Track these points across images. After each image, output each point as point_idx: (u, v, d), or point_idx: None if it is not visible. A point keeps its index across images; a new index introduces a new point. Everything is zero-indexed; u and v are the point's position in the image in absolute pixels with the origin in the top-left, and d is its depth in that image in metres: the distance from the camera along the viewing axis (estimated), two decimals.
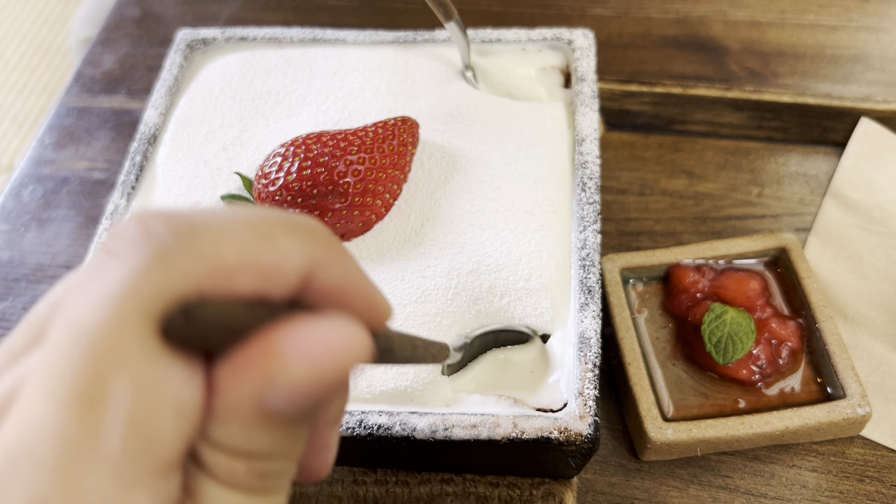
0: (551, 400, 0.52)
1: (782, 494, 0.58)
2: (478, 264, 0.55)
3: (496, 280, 0.54)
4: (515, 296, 0.54)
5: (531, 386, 0.53)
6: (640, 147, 0.79)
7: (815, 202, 0.74)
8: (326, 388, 0.21)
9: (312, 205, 0.55)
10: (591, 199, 0.58)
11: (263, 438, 0.22)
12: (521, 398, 0.52)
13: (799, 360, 0.61)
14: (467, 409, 0.51)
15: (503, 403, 0.51)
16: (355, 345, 0.22)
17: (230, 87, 0.68)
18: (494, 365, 0.55)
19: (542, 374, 0.54)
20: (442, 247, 0.56)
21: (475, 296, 0.54)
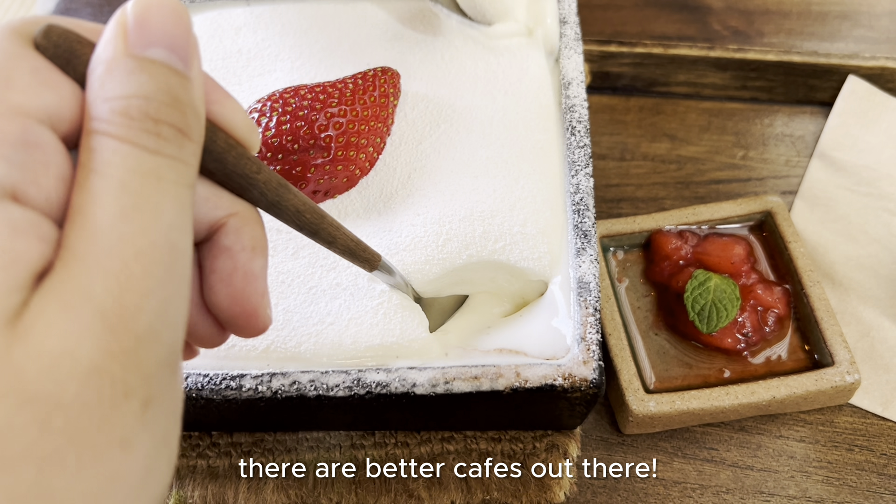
0: (553, 347, 0.50)
1: (769, 466, 0.56)
2: (470, 211, 0.53)
3: (490, 226, 0.52)
4: (511, 240, 0.52)
5: (527, 332, 0.51)
6: (621, 110, 0.76)
7: (801, 164, 0.72)
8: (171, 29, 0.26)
9: (294, 160, 0.52)
10: (581, 143, 0.56)
11: (142, 78, 0.25)
12: (520, 349, 0.50)
13: (786, 328, 0.59)
14: (468, 360, 0.49)
15: (503, 357, 0.49)
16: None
17: (206, 62, 0.65)
18: (479, 315, 0.54)
19: (535, 317, 0.52)
20: (432, 197, 0.54)
21: (467, 241, 0.52)
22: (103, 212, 0.23)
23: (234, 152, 0.30)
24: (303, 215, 0.36)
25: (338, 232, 0.40)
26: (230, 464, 0.56)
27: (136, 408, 0.23)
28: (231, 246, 0.30)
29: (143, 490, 0.24)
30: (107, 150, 0.24)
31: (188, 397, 0.48)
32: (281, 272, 0.52)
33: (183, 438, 0.56)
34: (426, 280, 0.51)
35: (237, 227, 0.31)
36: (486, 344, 0.51)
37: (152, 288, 0.23)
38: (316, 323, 0.50)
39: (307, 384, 0.47)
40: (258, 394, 0.47)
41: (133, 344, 0.23)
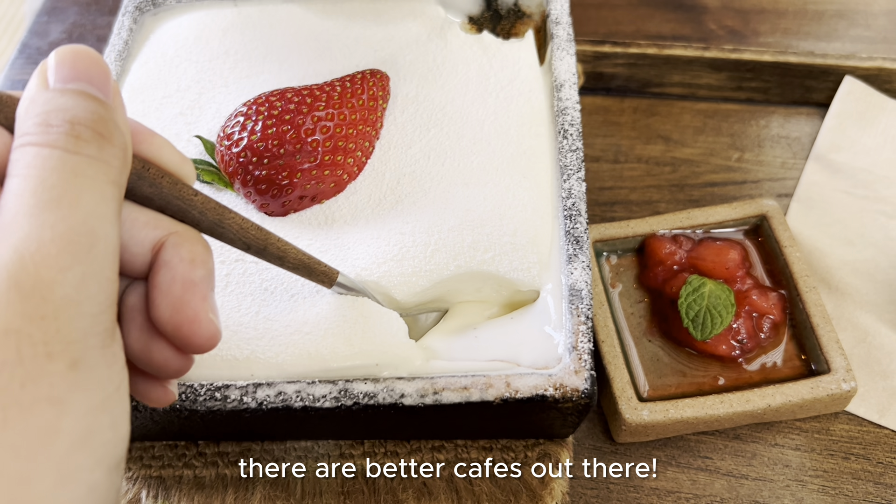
0: (544, 356, 0.49)
1: (764, 475, 0.55)
2: (460, 220, 0.52)
3: (479, 235, 0.52)
4: (500, 250, 0.51)
5: (517, 341, 0.50)
6: (615, 112, 0.75)
7: (797, 166, 0.71)
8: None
9: (280, 165, 0.52)
10: (573, 147, 0.55)
11: (63, 99, 0.28)
12: (510, 358, 0.49)
13: (781, 334, 0.58)
14: (457, 370, 0.49)
15: (492, 365, 0.48)
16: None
17: (185, 50, 0.64)
18: (465, 321, 0.53)
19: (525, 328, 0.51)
20: (422, 205, 0.54)
21: (455, 252, 0.51)
22: (21, 204, 0.26)
23: (168, 179, 0.33)
24: (247, 232, 0.37)
25: (287, 247, 0.40)
26: (217, 473, 0.55)
27: (62, 368, 0.25)
28: (169, 259, 0.32)
29: (84, 449, 0.26)
30: (28, 155, 0.27)
31: (172, 408, 0.47)
32: (265, 279, 0.51)
33: (169, 448, 0.55)
34: (413, 292, 0.50)
35: (176, 242, 0.33)
36: (474, 352, 0.50)
37: (69, 264, 0.26)
38: (293, 332, 0.49)
39: (293, 395, 0.46)
40: (243, 405, 0.46)
41: (51, 311, 0.25)
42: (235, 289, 0.51)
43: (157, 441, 0.56)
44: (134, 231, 0.32)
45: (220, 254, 0.52)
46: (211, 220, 0.35)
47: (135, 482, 0.55)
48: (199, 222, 0.35)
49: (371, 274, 0.50)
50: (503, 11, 0.67)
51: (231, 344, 0.49)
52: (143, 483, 0.55)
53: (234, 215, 0.37)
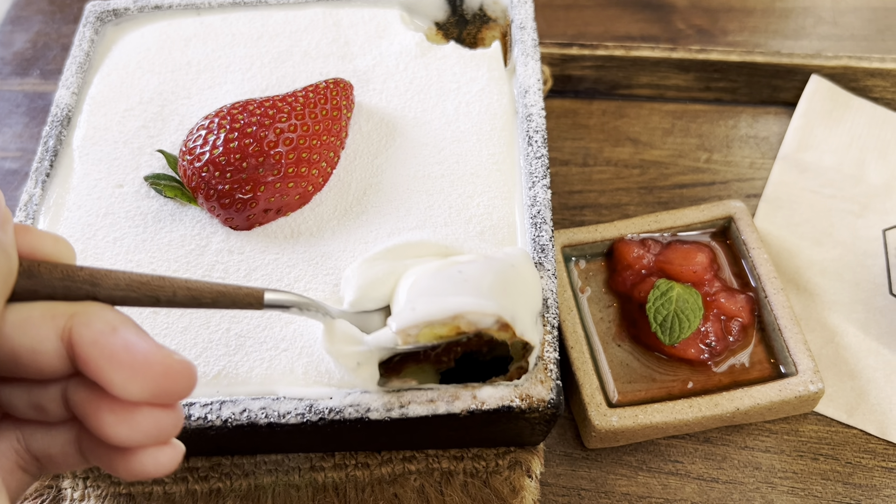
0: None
1: (735, 478, 0.55)
2: (423, 223, 0.53)
3: (443, 236, 0.52)
4: (466, 242, 0.52)
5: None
6: (584, 114, 0.75)
7: (766, 166, 0.71)
8: None
9: (243, 179, 0.51)
10: (538, 154, 0.55)
11: None
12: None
13: (750, 336, 0.59)
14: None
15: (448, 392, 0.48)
16: None
17: (147, 61, 0.64)
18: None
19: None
20: (386, 213, 0.54)
21: (419, 260, 0.50)
22: None
23: (45, 265, 0.33)
24: (147, 285, 0.35)
25: (198, 284, 0.38)
26: (187, 489, 0.55)
27: None
28: (91, 340, 0.31)
29: None
30: None
31: None
32: None
33: None
34: (376, 298, 0.50)
35: (84, 322, 0.32)
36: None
37: None
38: (270, 349, 0.49)
39: (258, 412, 0.46)
40: (207, 422, 0.46)
41: None
42: None
43: None
44: (32, 331, 0.31)
45: (186, 270, 0.52)
46: (107, 288, 0.34)
47: (104, 500, 0.54)
48: (94, 295, 0.33)
49: (339, 287, 0.50)
50: (469, 16, 0.67)
51: (200, 361, 0.49)
52: (111, 500, 0.54)
53: (130, 274, 0.35)
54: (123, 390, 0.31)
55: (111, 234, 0.54)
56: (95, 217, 0.55)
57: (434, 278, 0.45)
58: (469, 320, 0.42)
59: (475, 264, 0.46)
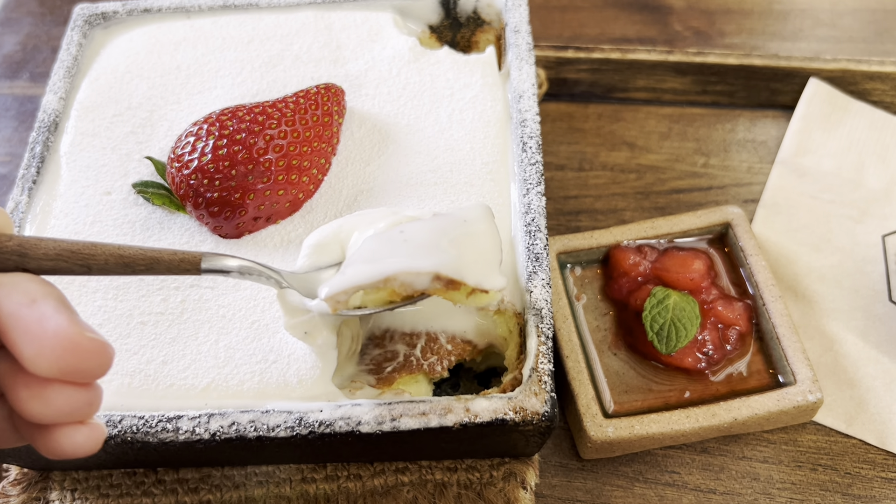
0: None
1: (732, 489, 0.55)
2: None
3: None
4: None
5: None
6: (579, 118, 0.74)
7: (764, 171, 0.70)
8: None
9: (232, 187, 0.50)
10: (532, 160, 0.54)
11: None
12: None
13: (748, 345, 0.58)
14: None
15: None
16: None
17: (136, 65, 0.63)
18: None
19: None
20: None
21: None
22: None
23: None
24: (78, 253, 0.35)
25: (131, 250, 0.37)
26: (176, 501, 0.54)
27: None
28: (9, 312, 0.31)
29: None
30: None
31: (124, 440, 0.46)
32: (222, 306, 0.51)
33: (127, 476, 0.54)
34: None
35: (5, 294, 0.31)
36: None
37: None
38: (259, 361, 0.48)
39: (247, 425, 0.45)
40: (196, 436, 0.45)
41: None
42: (192, 316, 0.50)
43: (114, 469, 0.54)
44: None
45: (174, 280, 0.51)
46: (36, 258, 0.34)
47: None
48: (24, 265, 0.33)
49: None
50: (462, 20, 0.66)
51: (189, 373, 0.48)
52: None
53: (60, 242, 0.35)
54: (33, 364, 0.30)
55: None
56: (83, 225, 0.54)
57: (374, 241, 0.44)
58: (403, 281, 0.41)
59: (418, 224, 0.44)
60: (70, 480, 0.54)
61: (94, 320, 0.50)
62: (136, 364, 0.49)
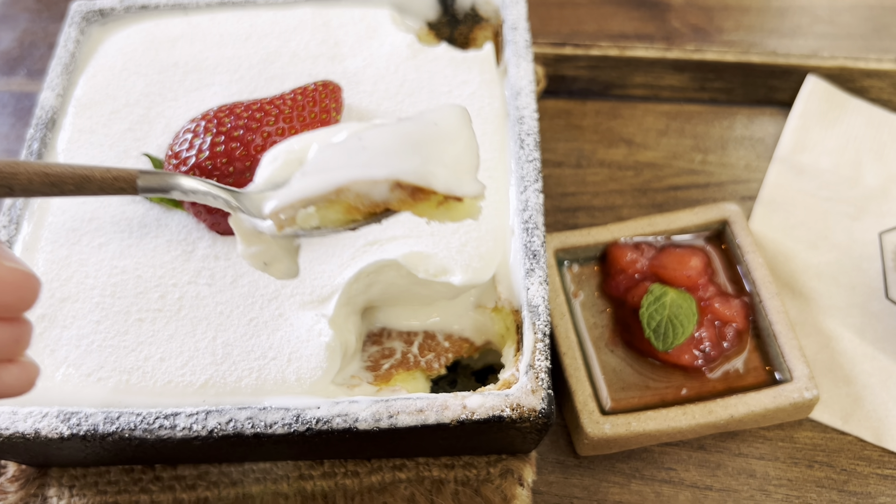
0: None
1: (729, 486, 0.55)
2: (410, 231, 0.52)
3: (426, 245, 0.52)
4: (448, 254, 0.51)
5: None
6: (577, 115, 0.74)
7: (761, 168, 0.70)
8: None
9: (230, 184, 0.50)
10: (530, 157, 0.54)
11: None
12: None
13: (745, 342, 0.58)
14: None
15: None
16: None
17: (133, 62, 0.63)
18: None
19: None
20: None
21: (404, 262, 0.51)
22: None
23: None
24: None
25: (59, 168, 0.35)
26: (174, 498, 0.54)
27: None
28: None
29: None
30: None
31: (121, 437, 0.46)
32: (219, 302, 0.50)
33: (125, 472, 0.54)
34: (357, 296, 0.51)
35: None
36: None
37: None
38: (258, 357, 0.48)
39: (244, 422, 0.45)
40: (193, 432, 0.45)
41: None
42: (189, 313, 0.50)
43: (111, 466, 0.54)
44: None
45: (171, 276, 0.51)
46: None
47: None
48: None
49: (328, 293, 0.50)
50: (460, 16, 0.66)
51: (186, 370, 0.48)
52: None
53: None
54: None
55: (96, 239, 0.53)
56: (80, 222, 0.54)
57: (330, 151, 0.39)
58: (358, 192, 0.37)
59: (378, 129, 0.39)
60: (68, 477, 0.54)
61: (92, 317, 0.50)
62: (134, 361, 0.49)
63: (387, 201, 0.37)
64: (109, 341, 0.49)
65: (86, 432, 0.46)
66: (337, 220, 0.38)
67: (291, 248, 0.42)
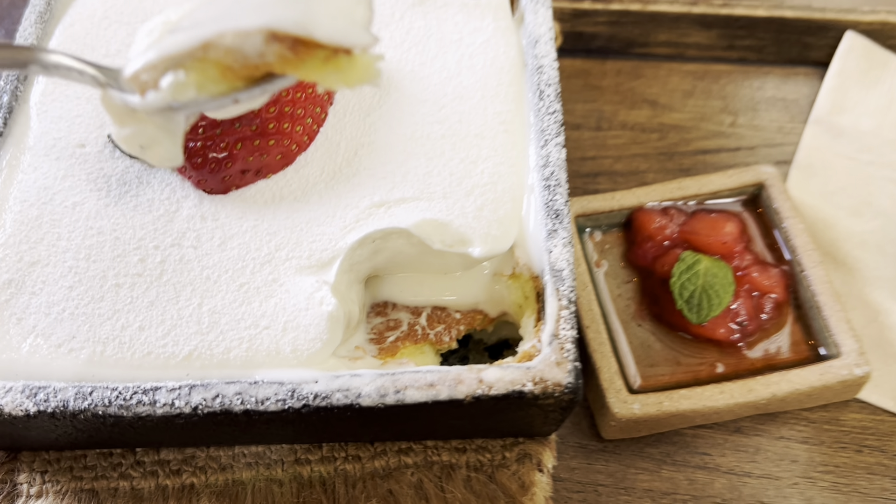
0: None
1: (769, 472, 0.50)
2: (420, 192, 0.48)
3: (440, 212, 0.47)
4: (464, 222, 0.46)
5: None
6: (596, 74, 0.70)
7: (796, 131, 0.66)
8: None
9: (217, 135, 0.46)
10: (550, 109, 0.50)
11: None
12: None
13: (785, 315, 0.53)
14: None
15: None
16: None
17: (114, 10, 0.58)
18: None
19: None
20: (380, 177, 0.49)
21: (415, 229, 0.46)
22: None
23: None
24: None
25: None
26: (157, 485, 0.49)
27: None
28: None
29: None
30: None
31: (95, 414, 0.41)
32: (206, 266, 0.46)
33: (103, 457, 0.50)
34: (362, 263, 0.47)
35: None
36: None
37: None
38: (249, 326, 0.44)
39: (233, 397, 0.41)
40: (175, 409, 0.41)
41: None
42: (171, 278, 0.46)
43: (88, 449, 0.50)
44: None
45: (153, 238, 0.47)
46: None
47: (63, 496, 0.49)
48: None
49: (328, 257, 0.45)
50: None
51: (168, 340, 0.44)
52: (72, 497, 0.49)
53: None
54: None
55: (70, 198, 0.49)
56: (53, 180, 0.50)
57: (204, 7, 0.35)
58: (228, 48, 0.33)
59: None
60: (40, 461, 0.50)
61: (64, 282, 0.45)
62: (110, 330, 0.44)
63: (264, 59, 0.32)
64: (83, 309, 0.45)
65: (55, 409, 0.41)
66: (215, 89, 0.34)
67: (170, 128, 0.38)
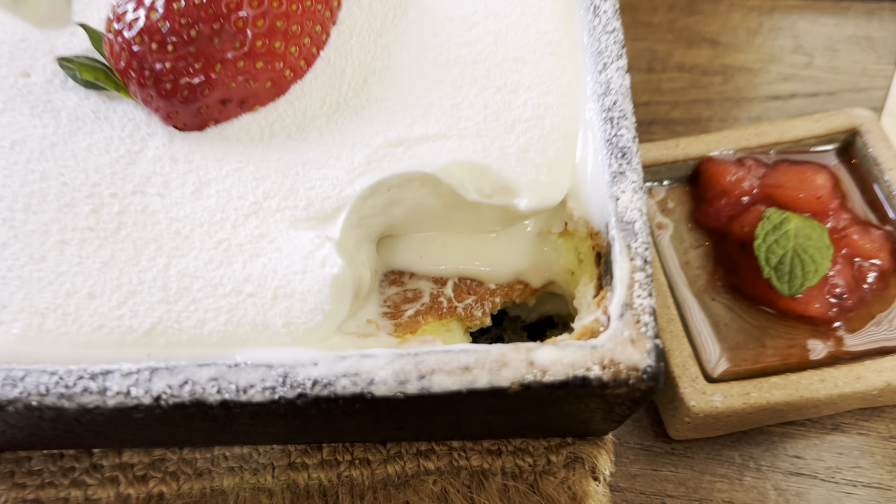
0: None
1: (880, 480, 0.44)
2: (448, 130, 0.41)
3: (475, 153, 0.39)
4: (506, 165, 0.39)
5: None
6: (645, 10, 0.64)
7: (884, 73, 0.60)
8: None
9: (191, 53, 0.40)
10: (609, 27, 0.43)
11: None
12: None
13: (892, 285, 0.46)
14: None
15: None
16: None
17: None
18: None
19: None
20: (396, 109, 0.42)
21: (443, 174, 0.40)
22: None
23: None
24: None
25: None
26: (117, 494, 0.44)
27: None
28: None
29: None
30: None
31: (27, 406, 0.33)
32: (175, 219, 0.39)
33: (50, 460, 0.45)
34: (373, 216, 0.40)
35: None
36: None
37: None
38: (228, 293, 0.36)
39: (206, 384, 0.33)
40: (132, 399, 0.33)
41: None
42: (131, 233, 0.39)
43: (32, 450, 0.43)
44: None
45: (109, 184, 0.40)
46: None
47: None
48: None
49: (332, 208, 0.38)
50: None
51: (125, 310, 0.36)
52: None
53: None
54: None
55: (8, 136, 0.42)
56: None
57: None
58: None
59: None
60: None
61: None
62: (52, 298, 0.37)
63: None
64: (18, 271, 0.38)
65: None
66: None
67: None
